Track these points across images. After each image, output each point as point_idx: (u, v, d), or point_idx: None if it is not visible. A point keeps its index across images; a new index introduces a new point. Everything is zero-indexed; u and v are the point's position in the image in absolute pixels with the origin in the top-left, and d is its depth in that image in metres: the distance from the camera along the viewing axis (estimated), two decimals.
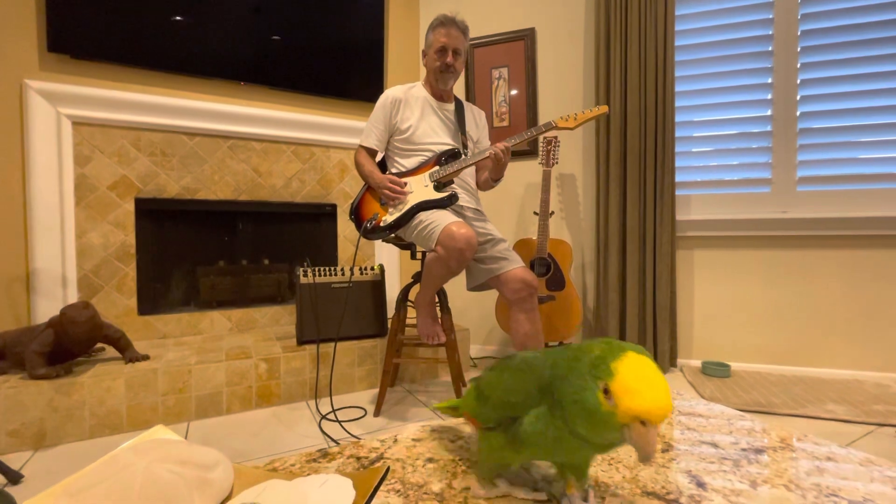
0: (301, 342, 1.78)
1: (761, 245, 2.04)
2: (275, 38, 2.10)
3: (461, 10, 2.22)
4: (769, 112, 2.03)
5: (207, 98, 2.01)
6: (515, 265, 1.47)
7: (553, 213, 2.20)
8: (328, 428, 1.46)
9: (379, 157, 1.68)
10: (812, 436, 0.64)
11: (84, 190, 1.79)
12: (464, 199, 1.59)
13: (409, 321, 1.75)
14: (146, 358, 1.58)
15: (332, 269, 1.83)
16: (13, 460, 1.26)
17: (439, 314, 1.60)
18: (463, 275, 1.57)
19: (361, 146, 1.63)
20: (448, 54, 1.55)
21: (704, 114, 2.11)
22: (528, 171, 2.31)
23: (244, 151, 2.09)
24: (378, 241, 2.38)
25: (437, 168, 1.53)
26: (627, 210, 2.06)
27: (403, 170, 1.59)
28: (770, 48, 2.02)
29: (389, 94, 1.62)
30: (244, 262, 2.22)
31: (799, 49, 1.98)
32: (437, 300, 1.59)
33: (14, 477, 1.13)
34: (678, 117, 2.10)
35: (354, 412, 1.60)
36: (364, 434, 1.43)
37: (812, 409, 1.56)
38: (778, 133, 2.01)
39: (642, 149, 2.05)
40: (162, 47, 1.88)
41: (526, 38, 2.27)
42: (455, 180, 1.60)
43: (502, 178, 1.62)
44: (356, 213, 1.61)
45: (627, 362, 0.37)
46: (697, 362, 2.10)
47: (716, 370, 1.94)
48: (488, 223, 1.61)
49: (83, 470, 0.43)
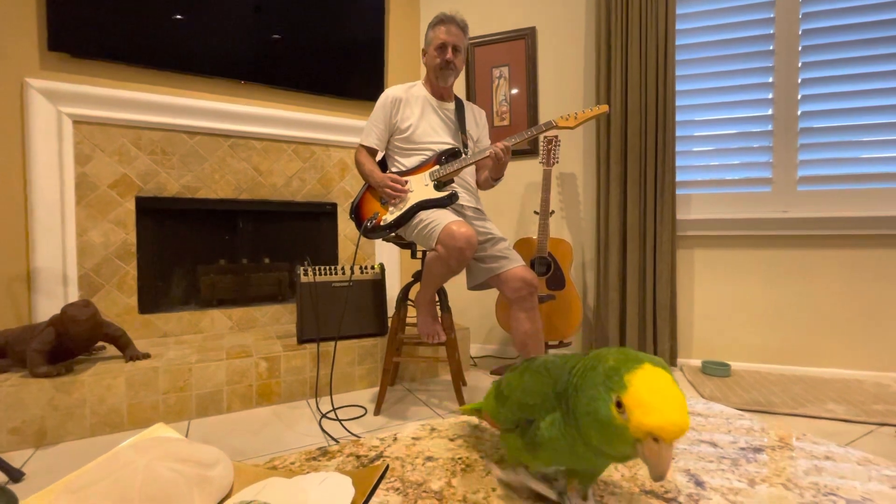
0: (301, 341, 1.78)
1: (762, 244, 2.04)
2: (275, 36, 2.10)
3: (462, 9, 2.21)
4: (770, 111, 2.03)
5: (208, 97, 2.01)
6: (516, 264, 1.47)
7: (553, 212, 2.20)
8: (328, 426, 1.47)
9: (379, 157, 1.68)
10: (810, 435, 0.64)
11: (85, 188, 1.79)
12: (464, 198, 1.59)
13: (409, 320, 1.75)
14: (147, 356, 1.59)
15: (333, 268, 1.83)
16: (14, 458, 1.27)
17: (439, 313, 1.60)
18: (463, 274, 1.57)
19: (362, 145, 1.63)
20: (448, 51, 1.55)
21: (705, 113, 2.11)
22: (529, 171, 2.31)
23: (245, 150, 2.09)
24: (378, 241, 2.38)
25: (437, 167, 1.53)
26: (628, 209, 2.06)
27: (404, 169, 1.59)
28: (771, 47, 2.01)
29: (389, 93, 1.62)
30: (245, 261, 2.22)
31: (800, 48, 1.98)
32: (438, 299, 1.59)
33: (15, 475, 1.13)
34: (679, 116, 2.10)
35: (355, 411, 1.60)
36: (364, 433, 1.43)
37: (812, 408, 1.56)
38: (779, 132, 2.01)
39: (643, 148, 2.05)
40: (162, 46, 1.88)
41: (526, 38, 2.27)
42: (455, 179, 1.60)
43: (502, 177, 1.62)
44: (356, 212, 1.61)
45: (642, 375, 0.35)
46: (697, 362, 2.10)
47: (716, 370, 1.94)
48: (488, 222, 1.62)
49: (84, 467, 0.43)
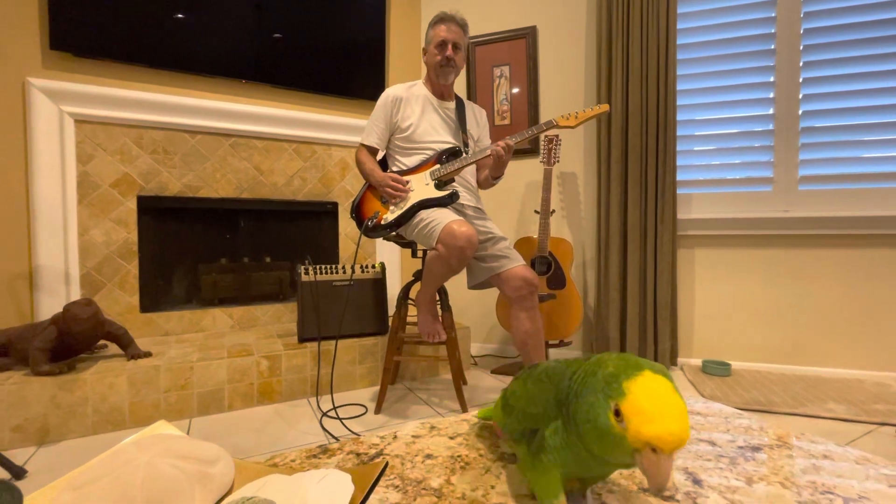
0: (302, 340, 1.79)
1: (762, 244, 2.04)
2: (276, 36, 2.11)
3: (463, 9, 2.21)
4: (771, 111, 2.02)
5: (209, 96, 2.01)
6: (516, 263, 1.47)
7: (554, 211, 2.20)
8: (329, 425, 1.47)
9: (380, 156, 1.68)
10: (809, 434, 0.65)
11: (86, 187, 1.80)
12: (464, 197, 1.60)
13: (409, 319, 1.76)
14: (148, 355, 1.59)
15: (334, 267, 1.83)
16: (17, 456, 1.27)
17: (440, 312, 1.61)
18: (464, 273, 1.57)
19: (362, 144, 1.63)
20: (448, 48, 1.56)
21: (706, 112, 2.10)
22: (530, 170, 2.31)
23: (246, 149, 2.10)
24: (379, 240, 2.39)
25: (437, 166, 1.53)
26: (628, 208, 2.06)
27: (404, 168, 1.59)
28: (772, 46, 2.01)
29: (390, 92, 1.62)
30: (246, 260, 2.23)
31: (801, 47, 1.97)
32: (438, 298, 1.59)
33: (18, 472, 1.14)
34: (679, 115, 2.10)
35: (355, 409, 1.61)
36: (365, 431, 1.43)
37: (812, 408, 1.56)
38: (780, 132, 2.01)
39: (644, 147, 2.05)
40: (164, 45, 1.89)
41: (527, 37, 2.27)
42: (456, 178, 1.60)
43: (503, 176, 1.63)
44: (357, 211, 1.61)
45: (642, 382, 0.34)
46: (698, 361, 2.10)
47: (716, 369, 1.94)
48: (489, 221, 1.62)
49: (86, 464, 0.44)
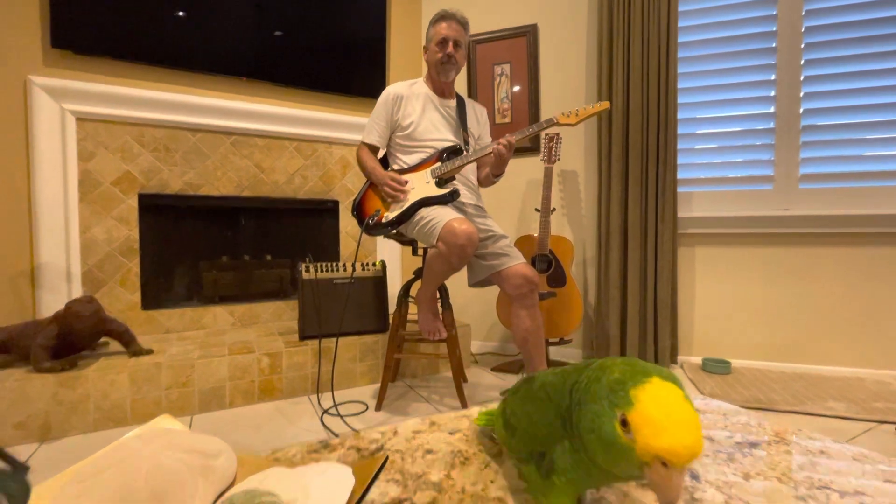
0: (303, 337, 1.79)
1: (763, 242, 2.04)
2: (277, 33, 2.11)
3: (463, 7, 2.21)
4: (772, 109, 2.02)
5: (210, 94, 2.02)
6: (517, 261, 1.48)
7: (554, 209, 2.20)
8: (330, 422, 1.48)
9: (381, 154, 1.69)
10: (807, 431, 0.65)
11: (88, 185, 1.80)
12: (465, 195, 1.60)
13: (410, 317, 1.76)
14: (150, 352, 1.60)
15: (334, 264, 1.84)
16: (19, 452, 1.28)
17: (440, 310, 1.61)
18: (464, 271, 1.57)
19: (363, 143, 1.64)
20: (449, 45, 1.56)
21: (707, 110, 2.10)
22: (530, 168, 2.31)
23: (247, 147, 2.10)
24: (380, 238, 2.39)
25: (438, 164, 1.53)
26: (629, 207, 2.06)
27: (405, 166, 1.59)
28: (774, 45, 2.01)
29: (391, 90, 1.62)
30: (247, 258, 2.23)
31: (803, 46, 1.97)
32: (439, 296, 1.60)
33: (20, 468, 1.14)
34: (680, 114, 2.10)
35: (356, 407, 1.61)
36: (365, 428, 1.44)
37: (812, 406, 1.56)
38: (781, 130, 2.00)
39: (644, 145, 2.05)
40: (165, 43, 1.89)
41: (528, 35, 2.27)
42: (456, 176, 1.60)
43: (503, 174, 1.63)
44: (358, 209, 1.62)
45: (650, 390, 0.32)
46: (698, 359, 2.10)
47: (716, 367, 1.94)
48: (489, 219, 1.62)
49: (91, 457, 0.44)
